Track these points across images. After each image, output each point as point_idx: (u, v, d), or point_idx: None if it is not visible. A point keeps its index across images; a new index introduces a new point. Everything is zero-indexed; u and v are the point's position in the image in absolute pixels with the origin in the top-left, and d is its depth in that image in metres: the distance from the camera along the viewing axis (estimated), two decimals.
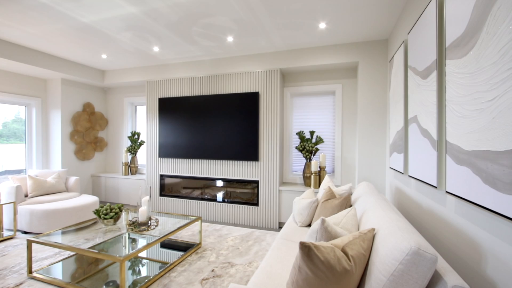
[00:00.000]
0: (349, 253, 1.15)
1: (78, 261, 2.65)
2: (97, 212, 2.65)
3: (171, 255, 2.79)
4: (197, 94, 4.26)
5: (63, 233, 2.61)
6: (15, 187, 3.46)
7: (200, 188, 4.42)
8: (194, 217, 3.03)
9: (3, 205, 3.47)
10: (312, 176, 3.65)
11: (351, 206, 2.28)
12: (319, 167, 3.73)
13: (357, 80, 3.71)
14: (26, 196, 3.70)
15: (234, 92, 4.04)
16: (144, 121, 5.21)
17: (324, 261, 1.06)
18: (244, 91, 3.98)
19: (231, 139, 3.99)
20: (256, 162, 3.91)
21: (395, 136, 2.64)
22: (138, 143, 5.01)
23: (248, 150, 3.90)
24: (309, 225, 2.54)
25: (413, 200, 2.15)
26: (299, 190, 3.67)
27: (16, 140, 4.37)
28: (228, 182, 4.19)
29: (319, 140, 3.78)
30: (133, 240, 2.72)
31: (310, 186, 3.80)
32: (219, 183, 4.29)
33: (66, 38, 3.40)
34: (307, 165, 3.82)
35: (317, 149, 3.79)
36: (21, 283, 2.24)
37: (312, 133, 3.85)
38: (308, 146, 3.77)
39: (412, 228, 1.21)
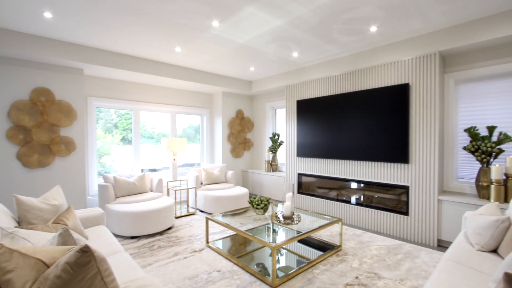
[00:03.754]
0: None
1: (232, 241, 3.20)
2: (251, 202, 3.11)
3: (308, 251, 2.87)
4: (333, 93, 4.18)
5: (223, 216, 3.22)
6: (195, 176, 4.64)
7: (336, 189, 4.31)
8: (334, 218, 2.98)
9: (189, 189, 4.73)
10: (492, 186, 2.76)
11: None
12: (505, 174, 2.76)
13: None
14: (201, 183, 4.87)
15: (376, 87, 3.67)
16: (283, 123, 5.66)
17: None
18: (388, 85, 3.54)
19: (372, 138, 3.64)
20: (406, 164, 3.37)
21: None
22: (278, 143, 5.50)
23: (394, 151, 3.42)
24: (494, 250, 1.92)
25: None
26: (470, 203, 2.86)
27: (189, 141, 5.84)
28: (366, 185, 3.86)
29: (505, 138, 2.79)
30: (274, 231, 2.99)
31: (488, 198, 2.89)
32: (354, 185, 4.03)
33: (226, 59, 4.21)
34: (483, 171, 2.91)
35: (500, 150, 2.83)
36: (202, 249, 2.96)
37: (491, 129, 2.91)
38: (484, 146, 2.87)
39: None
